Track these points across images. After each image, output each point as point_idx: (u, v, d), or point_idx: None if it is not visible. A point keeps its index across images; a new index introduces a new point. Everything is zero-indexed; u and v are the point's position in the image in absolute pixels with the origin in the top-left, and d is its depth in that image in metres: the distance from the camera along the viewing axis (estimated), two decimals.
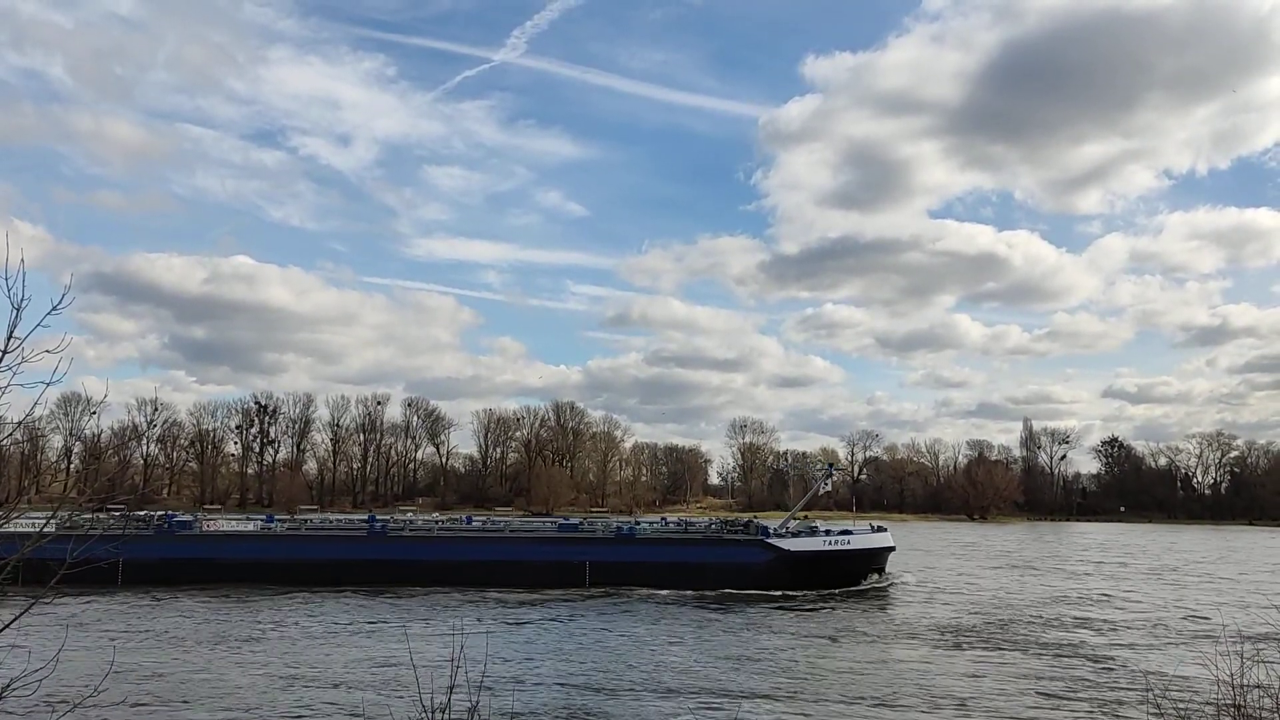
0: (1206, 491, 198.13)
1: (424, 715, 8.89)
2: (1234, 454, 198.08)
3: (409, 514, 77.83)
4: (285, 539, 58.49)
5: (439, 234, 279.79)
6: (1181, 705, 12.84)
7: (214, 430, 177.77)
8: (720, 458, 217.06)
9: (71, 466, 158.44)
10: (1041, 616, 43.82)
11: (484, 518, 77.34)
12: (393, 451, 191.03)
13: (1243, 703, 10.25)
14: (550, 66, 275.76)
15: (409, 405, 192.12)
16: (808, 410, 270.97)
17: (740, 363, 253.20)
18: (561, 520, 70.25)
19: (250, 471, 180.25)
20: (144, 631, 37.67)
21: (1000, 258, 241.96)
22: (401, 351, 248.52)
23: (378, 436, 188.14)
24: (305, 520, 67.48)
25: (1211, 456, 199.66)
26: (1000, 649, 35.09)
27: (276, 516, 69.08)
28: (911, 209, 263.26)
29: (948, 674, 30.31)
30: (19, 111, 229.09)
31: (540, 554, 56.23)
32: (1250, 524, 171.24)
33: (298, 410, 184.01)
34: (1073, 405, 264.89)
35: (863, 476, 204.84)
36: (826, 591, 52.63)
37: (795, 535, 57.77)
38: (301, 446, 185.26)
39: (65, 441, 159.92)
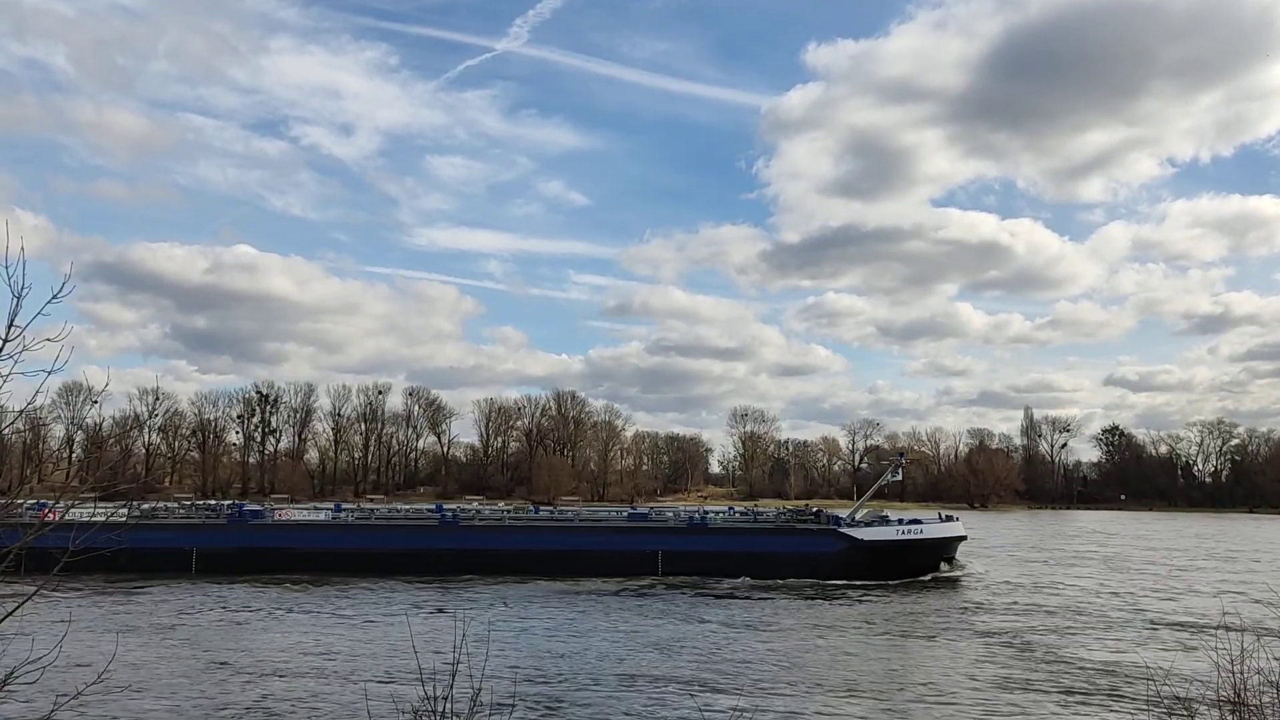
0: (1207, 480, 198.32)
1: (425, 702, 8.94)
2: (1235, 442, 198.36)
3: (474, 505, 79.01)
4: (357, 529, 58.83)
5: (441, 223, 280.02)
6: (1181, 695, 12.86)
7: (215, 420, 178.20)
8: (721, 446, 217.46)
9: (73, 455, 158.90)
10: (1106, 610, 43.48)
11: (552, 507, 77.24)
12: (394, 441, 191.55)
13: (1242, 690, 10.28)
14: (552, 56, 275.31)
15: (410, 395, 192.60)
16: (809, 399, 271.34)
17: (742, 352, 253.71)
18: (630, 509, 69.98)
19: (252, 461, 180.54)
20: (182, 621, 37.83)
21: (1003, 246, 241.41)
22: (403, 341, 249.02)
23: (379, 426, 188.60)
24: (373, 510, 67.74)
25: (1212, 444, 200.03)
26: (1066, 637, 35.35)
27: (344, 505, 69.36)
28: (914, 198, 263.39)
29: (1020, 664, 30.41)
30: (21, 101, 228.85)
31: (613, 544, 56.15)
32: (1251, 512, 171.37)
33: (299, 400, 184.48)
34: (1074, 393, 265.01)
35: (863, 465, 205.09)
36: (899, 581, 52.40)
37: (869, 525, 57.64)
38: (303, 436, 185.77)
39: (67, 430, 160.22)
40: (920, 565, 55.45)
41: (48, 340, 7.13)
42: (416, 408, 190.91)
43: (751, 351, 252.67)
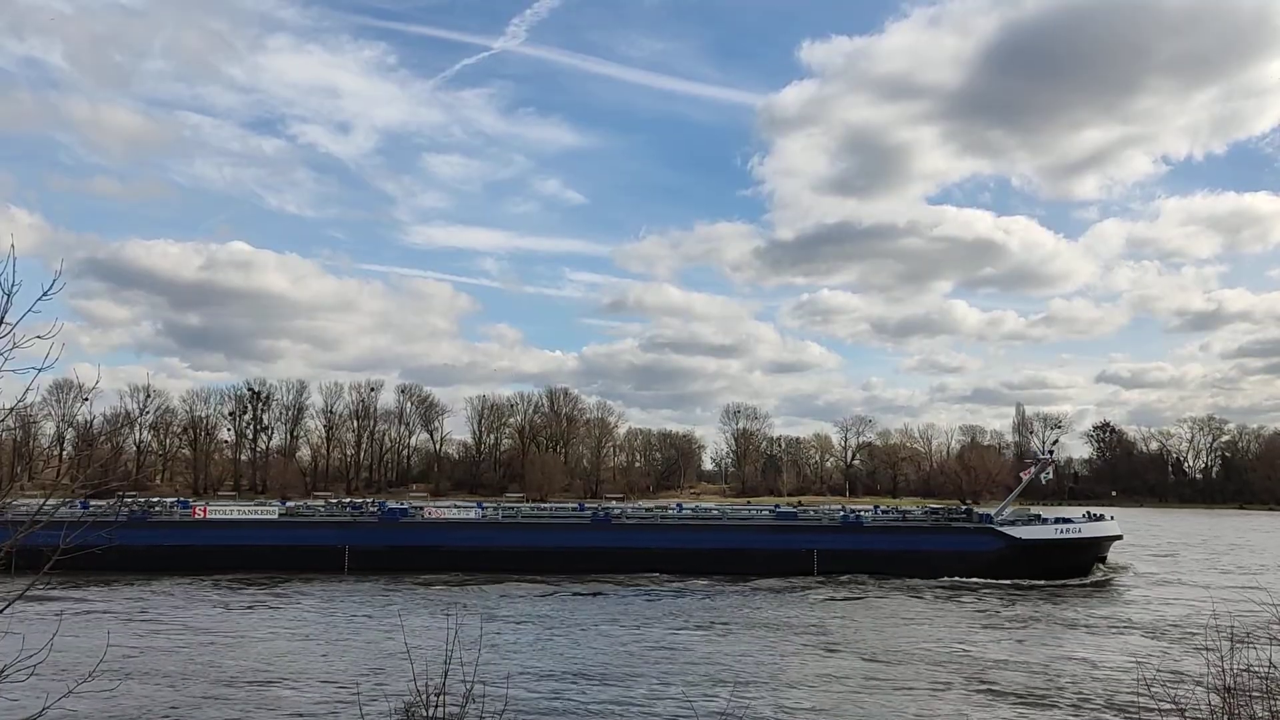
0: (1198, 476, 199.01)
1: (419, 696, 8.94)
2: (1225, 438, 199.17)
3: (611, 503, 79.56)
4: (509, 527, 58.98)
5: (437, 221, 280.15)
6: (1172, 686, 12.93)
7: (207, 417, 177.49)
8: (714, 443, 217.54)
9: (64, 453, 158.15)
10: None
11: (693, 505, 77.27)
12: (386, 438, 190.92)
13: (1232, 685, 10.33)
14: (550, 55, 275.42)
15: (403, 392, 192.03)
16: (803, 396, 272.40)
17: (736, 349, 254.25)
18: (775, 507, 69.35)
19: (244, 458, 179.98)
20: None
21: (998, 244, 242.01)
22: (399, 338, 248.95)
23: (371, 423, 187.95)
24: (516, 508, 67.91)
25: (1203, 441, 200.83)
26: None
27: (484, 503, 69.87)
28: (909, 195, 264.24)
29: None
30: (16, 99, 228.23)
31: (768, 542, 56.12)
32: (1241, 508, 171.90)
33: (291, 397, 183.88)
34: (1067, 390, 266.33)
35: (856, 462, 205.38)
36: (1062, 582, 51.29)
37: (1026, 524, 57.05)
38: (295, 433, 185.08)
39: (58, 428, 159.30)
40: (1077, 565, 54.46)
41: (38, 337, 7.12)
42: (409, 405, 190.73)
43: (746, 348, 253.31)
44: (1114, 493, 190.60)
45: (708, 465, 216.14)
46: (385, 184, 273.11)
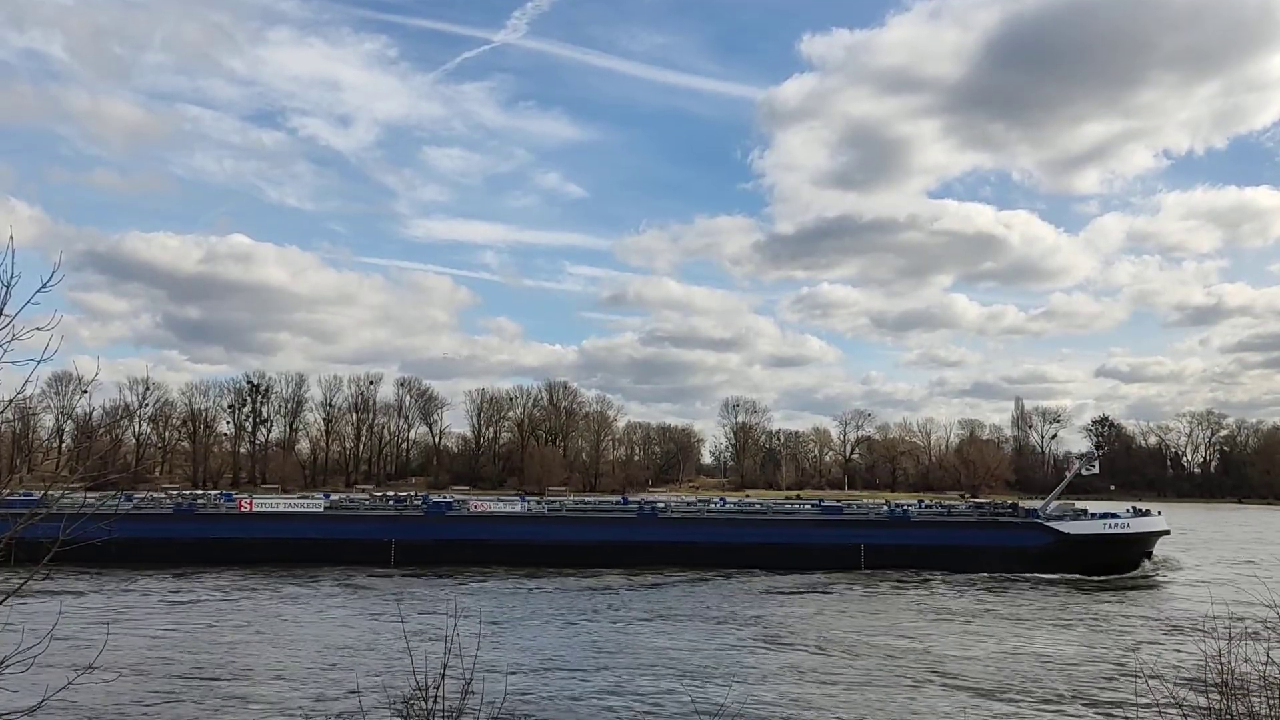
0: (1196, 470, 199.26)
1: (420, 689, 8.96)
2: (1224, 433, 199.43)
3: (655, 497, 79.20)
4: (555, 521, 59.05)
5: (437, 215, 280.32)
6: (1169, 681, 12.96)
7: (206, 410, 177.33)
8: (713, 437, 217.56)
9: (63, 445, 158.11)
10: None
11: (737, 499, 76.27)
12: (385, 431, 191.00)
13: (1230, 678, 10.34)
14: (551, 48, 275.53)
15: (402, 385, 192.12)
16: (803, 390, 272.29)
17: (735, 342, 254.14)
18: (817, 502, 68.97)
19: (243, 451, 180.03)
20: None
21: (998, 238, 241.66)
22: (398, 331, 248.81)
23: (370, 416, 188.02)
24: (560, 503, 68.33)
25: (1201, 435, 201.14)
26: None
27: (527, 496, 69.48)
28: (909, 189, 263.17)
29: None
30: (17, 91, 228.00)
31: (814, 537, 56.17)
32: (1240, 502, 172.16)
33: (290, 390, 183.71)
34: (1067, 385, 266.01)
35: (855, 456, 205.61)
36: (1111, 577, 51.08)
37: (1074, 519, 57.15)
38: (294, 426, 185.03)
39: (57, 420, 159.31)
40: (1125, 560, 54.39)
41: (38, 329, 7.10)
42: (408, 398, 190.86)
43: (745, 342, 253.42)
44: (1112, 487, 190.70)
45: (706, 459, 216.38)
46: (385, 177, 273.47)
